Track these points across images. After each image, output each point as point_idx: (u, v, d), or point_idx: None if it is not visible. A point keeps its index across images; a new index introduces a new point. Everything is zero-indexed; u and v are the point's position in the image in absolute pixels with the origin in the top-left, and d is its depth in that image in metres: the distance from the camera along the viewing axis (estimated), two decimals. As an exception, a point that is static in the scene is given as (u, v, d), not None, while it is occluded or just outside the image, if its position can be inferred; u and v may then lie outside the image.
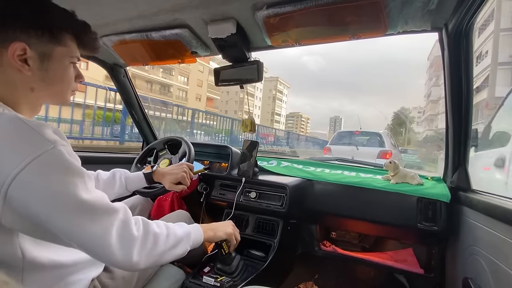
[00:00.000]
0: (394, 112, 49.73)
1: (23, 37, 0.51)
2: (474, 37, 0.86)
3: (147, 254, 0.55)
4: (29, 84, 0.54)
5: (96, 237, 0.48)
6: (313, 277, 1.50)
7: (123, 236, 0.51)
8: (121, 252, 0.50)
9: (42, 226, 0.46)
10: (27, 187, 0.43)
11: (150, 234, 0.57)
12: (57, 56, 0.55)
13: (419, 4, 0.73)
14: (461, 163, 1.02)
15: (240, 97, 49.46)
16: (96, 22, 0.95)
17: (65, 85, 0.59)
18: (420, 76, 51.83)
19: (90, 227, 0.48)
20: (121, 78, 1.47)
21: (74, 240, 0.48)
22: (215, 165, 1.51)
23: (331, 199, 1.27)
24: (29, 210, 0.44)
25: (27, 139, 0.45)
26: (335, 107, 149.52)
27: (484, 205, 0.83)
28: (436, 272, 1.18)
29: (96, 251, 0.49)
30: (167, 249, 0.60)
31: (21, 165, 0.43)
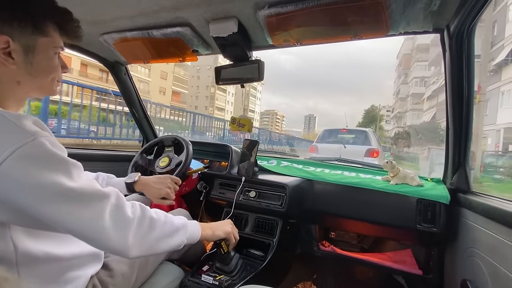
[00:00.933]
0: (365, 109, 49.90)
1: (5, 29, 0.49)
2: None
3: (143, 238, 0.55)
4: (14, 78, 0.52)
5: (88, 222, 0.48)
6: (311, 277, 1.50)
7: (116, 219, 0.51)
8: (116, 235, 0.50)
9: (32, 216, 0.46)
10: (9, 179, 0.43)
11: (146, 217, 0.57)
12: (41, 47, 0.54)
13: (421, 5, 0.73)
14: (461, 165, 1.02)
15: (211, 92, 48.14)
16: (97, 20, 0.95)
17: (50, 76, 0.57)
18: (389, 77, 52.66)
19: (81, 213, 0.47)
20: (122, 76, 1.47)
21: (67, 228, 0.48)
22: (215, 164, 1.51)
23: (331, 199, 1.27)
24: (15, 202, 0.44)
25: (6, 132, 0.44)
26: (310, 106, 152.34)
27: (484, 207, 0.83)
28: (434, 274, 1.18)
29: (90, 236, 0.49)
30: (163, 236, 0.59)
31: (1, 157, 0.42)
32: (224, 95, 51.45)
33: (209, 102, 48.79)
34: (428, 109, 27.64)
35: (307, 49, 33.91)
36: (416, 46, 34.89)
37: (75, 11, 0.59)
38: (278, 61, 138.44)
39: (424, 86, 32.09)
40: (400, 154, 21.43)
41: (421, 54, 34.12)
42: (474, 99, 0.93)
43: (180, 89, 37.20)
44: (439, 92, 24.22)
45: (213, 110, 47.84)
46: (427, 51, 32.45)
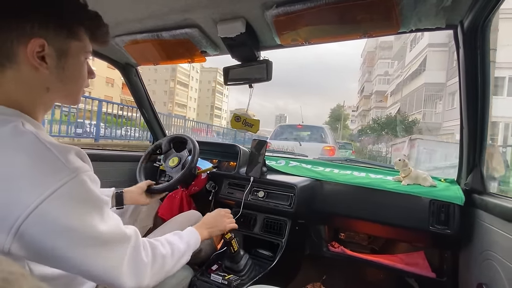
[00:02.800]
0: (331, 108, 48.90)
1: (41, 32, 0.47)
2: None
3: (156, 275, 0.56)
4: (45, 83, 0.50)
5: (109, 268, 0.47)
6: (321, 278, 1.49)
7: (134, 265, 0.51)
8: (133, 281, 0.51)
9: (53, 258, 0.43)
10: (44, 221, 0.40)
11: (158, 257, 0.58)
12: (73, 52, 0.52)
13: (434, 1, 0.71)
14: (476, 165, 0.99)
15: (171, 87, 43.60)
16: (108, 22, 0.96)
17: (80, 83, 0.56)
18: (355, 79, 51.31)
19: (105, 259, 0.47)
20: (133, 77, 1.50)
21: (85, 272, 0.46)
22: (223, 164, 1.52)
23: (340, 200, 1.26)
24: (43, 244, 0.41)
25: (50, 169, 0.42)
26: (280, 106, 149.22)
27: (501, 209, 0.80)
28: (448, 277, 1.15)
29: (107, 281, 0.48)
30: (173, 266, 0.63)
31: (41, 198, 0.40)
32: (185, 90, 46.77)
33: (168, 98, 43.88)
34: (392, 104, 26.59)
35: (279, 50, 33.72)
36: (379, 44, 34.45)
37: None
38: None
39: (387, 83, 31.55)
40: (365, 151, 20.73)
41: (384, 52, 33.93)
42: (489, 98, 0.90)
43: None
44: (402, 86, 23.33)
45: (173, 106, 43.17)
46: (390, 49, 31.83)
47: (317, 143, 5.66)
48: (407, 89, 22.32)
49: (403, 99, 23.09)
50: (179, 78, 45.38)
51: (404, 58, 24.25)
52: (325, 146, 5.46)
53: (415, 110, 20.10)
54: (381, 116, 24.36)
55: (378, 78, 33.93)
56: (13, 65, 0.47)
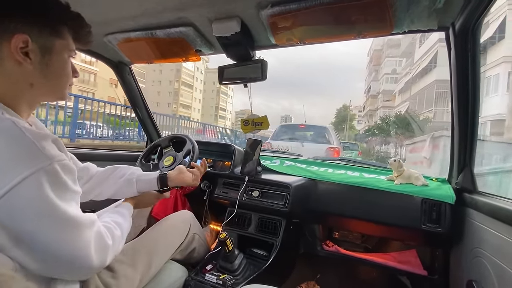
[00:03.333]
0: (337, 109, 47.26)
1: (25, 29, 0.49)
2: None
3: (113, 254, 0.60)
4: (29, 79, 0.52)
5: (79, 250, 0.50)
6: (315, 276, 1.50)
7: (100, 247, 0.54)
8: (98, 261, 0.53)
9: (25, 240, 0.45)
10: (18, 201, 0.43)
11: (116, 239, 0.61)
12: (57, 49, 0.55)
13: (426, 3, 0.72)
14: (466, 164, 1.01)
15: (175, 88, 43.55)
16: (101, 20, 0.96)
17: (64, 79, 0.58)
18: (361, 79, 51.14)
19: (74, 241, 0.49)
20: (126, 76, 1.48)
21: (55, 255, 0.48)
22: (218, 164, 1.51)
23: (334, 199, 1.27)
24: (15, 223, 0.44)
25: (26, 153, 0.44)
26: (286, 106, 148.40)
27: (490, 207, 0.82)
28: (440, 274, 1.17)
29: (75, 262, 0.50)
30: (122, 244, 0.65)
31: (16, 179, 0.42)
32: (190, 91, 46.71)
33: (173, 99, 43.93)
34: (401, 103, 25.32)
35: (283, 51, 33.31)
36: (387, 42, 33.31)
37: (80, 12, 0.60)
38: None
39: (395, 82, 30.49)
40: (372, 152, 19.40)
41: (392, 50, 32.82)
42: (479, 98, 0.92)
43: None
44: (412, 84, 21.93)
45: (177, 107, 43.06)
46: (398, 47, 30.68)
47: (320, 144, 5.34)
48: (416, 87, 21.09)
49: (413, 97, 21.95)
50: (184, 79, 45.15)
51: (413, 55, 22.96)
52: (330, 147, 5.14)
53: (426, 109, 19.16)
54: (390, 114, 23.23)
55: (386, 77, 33.09)
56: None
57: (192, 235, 0.99)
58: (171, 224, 0.95)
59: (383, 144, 19.92)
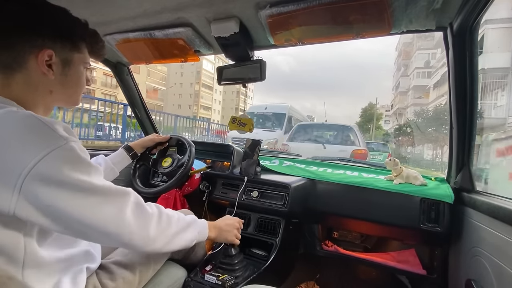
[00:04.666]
0: (362, 108, 43.14)
1: (50, 44, 0.56)
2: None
3: (163, 232, 0.61)
4: (49, 87, 0.59)
5: (111, 217, 0.52)
6: (314, 276, 1.50)
7: (138, 214, 0.56)
8: (138, 229, 0.55)
9: (55, 214, 0.48)
10: (43, 178, 0.46)
11: (163, 213, 0.63)
12: (75, 62, 0.62)
13: (424, 3, 0.72)
14: (465, 164, 1.02)
15: (196, 90, 44.32)
16: (100, 21, 0.96)
17: (79, 88, 0.65)
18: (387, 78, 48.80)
19: (105, 208, 0.51)
20: (125, 76, 1.47)
21: (89, 225, 0.50)
22: (217, 164, 1.51)
23: (333, 199, 1.27)
24: (45, 200, 0.47)
25: (42, 135, 0.48)
26: (307, 107, 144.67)
27: (488, 206, 0.82)
28: (438, 273, 1.17)
29: (113, 231, 0.52)
30: (178, 231, 0.66)
31: (37, 158, 0.45)
32: (210, 93, 47.21)
33: (193, 100, 44.84)
34: (436, 99, 21.80)
35: (302, 50, 32.48)
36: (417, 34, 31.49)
37: (79, 13, 0.60)
38: (274, 62, 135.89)
39: (427, 77, 27.31)
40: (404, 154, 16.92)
41: (423, 42, 29.46)
42: (478, 98, 0.93)
43: (156, 85, 33.69)
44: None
45: (198, 109, 44.02)
46: (431, 37, 27.42)
47: (344, 145, 4.76)
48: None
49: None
50: (204, 81, 45.35)
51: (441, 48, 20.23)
52: (355, 150, 4.55)
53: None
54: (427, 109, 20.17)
55: (417, 72, 29.92)
56: (23, 70, 0.55)
57: None
58: None
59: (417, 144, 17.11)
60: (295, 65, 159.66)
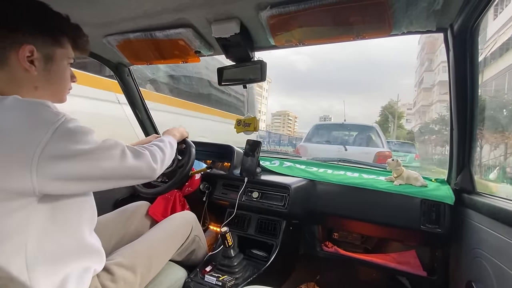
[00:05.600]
0: (382, 106, 39.38)
1: (31, 40, 0.56)
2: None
3: (160, 162, 0.74)
4: (33, 83, 0.59)
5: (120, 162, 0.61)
6: (315, 278, 1.49)
7: (136, 154, 0.66)
8: (143, 164, 0.67)
9: (74, 177, 0.54)
10: (55, 156, 0.50)
11: (152, 148, 0.75)
12: (58, 57, 0.62)
13: (424, 4, 0.72)
14: (465, 165, 1.01)
15: None
16: (101, 22, 0.96)
17: (63, 83, 0.65)
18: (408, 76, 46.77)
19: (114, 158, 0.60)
20: (125, 77, 1.48)
21: (108, 175, 0.59)
22: (217, 165, 1.51)
23: (334, 200, 1.27)
24: (62, 172, 0.51)
25: (49, 114, 0.51)
26: (324, 107, 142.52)
27: (489, 208, 0.82)
28: (439, 275, 1.17)
29: (125, 174, 0.63)
30: (166, 157, 0.79)
31: (46, 137, 0.49)
32: None
33: None
34: None
35: (318, 49, 32.20)
36: None
37: (79, 14, 0.61)
38: (289, 61, 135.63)
39: None
40: (433, 156, 14.18)
41: None
42: (478, 99, 0.92)
43: None
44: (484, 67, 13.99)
45: None
46: None
47: (367, 147, 4.37)
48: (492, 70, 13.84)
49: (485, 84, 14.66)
50: None
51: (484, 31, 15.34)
52: (380, 152, 4.10)
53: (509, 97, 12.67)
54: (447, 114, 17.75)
55: (443, 66, 26.61)
56: (4, 67, 0.55)
57: (193, 237, 0.99)
58: (173, 225, 0.95)
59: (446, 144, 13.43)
60: (312, 64, 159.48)
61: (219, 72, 1.13)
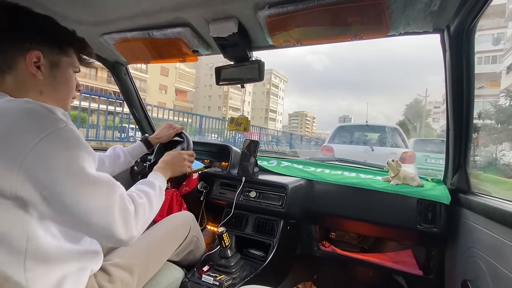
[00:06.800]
0: (407, 104, 37.90)
1: (38, 47, 0.60)
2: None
3: (139, 224, 0.61)
4: (39, 88, 0.61)
5: (103, 210, 0.53)
6: (312, 277, 1.50)
7: (123, 213, 0.57)
8: (123, 228, 0.56)
9: (52, 197, 0.50)
10: (42, 157, 0.48)
11: (139, 206, 0.63)
12: (63, 65, 0.65)
13: (421, 5, 0.73)
14: (461, 165, 1.02)
15: (224, 91, 43.96)
16: (98, 20, 0.95)
17: (68, 90, 0.67)
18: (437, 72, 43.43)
19: (97, 198, 0.52)
20: (122, 76, 1.47)
21: (81, 213, 0.51)
22: (215, 164, 1.51)
23: (331, 200, 1.27)
24: (43, 179, 0.48)
25: (44, 117, 0.51)
26: (343, 107, 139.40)
27: (484, 207, 0.83)
28: (435, 274, 1.18)
29: (103, 227, 0.53)
30: (150, 213, 0.67)
31: (38, 137, 0.48)
32: (239, 94, 44.53)
33: (222, 102, 44.65)
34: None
35: (335, 47, 31.51)
36: None
37: (77, 13, 0.61)
38: (306, 62, 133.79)
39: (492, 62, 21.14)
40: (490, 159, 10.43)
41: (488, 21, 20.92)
42: (474, 100, 0.93)
43: (185, 87, 33.05)
44: None
45: (227, 110, 43.37)
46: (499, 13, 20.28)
47: (393, 147, 4.52)
48: None
49: None
50: None
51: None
52: (405, 152, 4.28)
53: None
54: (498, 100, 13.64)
55: (477, 57, 21.49)
56: (12, 72, 0.58)
57: (191, 238, 0.99)
58: (171, 225, 0.95)
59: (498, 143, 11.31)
60: (329, 63, 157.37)
61: (217, 71, 1.13)
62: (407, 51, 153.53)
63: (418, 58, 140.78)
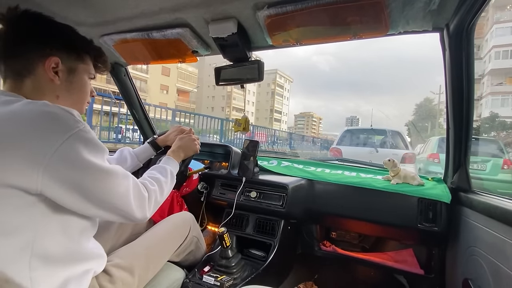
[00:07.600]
0: (417, 104, 37.97)
1: (57, 53, 0.63)
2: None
3: (152, 207, 0.70)
4: (56, 92, 0.65)
5: (121, 196, 0.60)
6: (313, 277, 1.50)
7: (138, 198, 0.65)
8: (139, 210, 0.64)
9: (76, 193, 0.54)
10: (67, 157, 0.52)
11: (151, 192, 0.71)
12: (80, 71, 0.68)
13: (421, 4, 0.73)
14: (461, 164, 1.02)
15: (228, 92, 42.67)
16: (97, 22, 0.95)
17: (83, 95, 0.71)
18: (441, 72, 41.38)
19: (116, 186, 0.59)
20: (122, 77, 1.47)
21: (103, 202, 0.58)
22: (215, 165, 1.51)
23: (332, 199, 1.27)
24: (68, 177, 0.53)
25: (64, 119, 0.54)
26: (351, 108, 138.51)
27: (484, 206, 0.83)
28: (436, 273, 1.18)
29: (123, 209, 0.61)
30: (163, 197, 0.77)
31: (62, 139, 0.51)
32: (243, 94, 45.91)
33: (226, 102, 43.83)
34: None
35: (341, 47, 31.25)
36: (494, 3, 21.21)
37: (76, 14, 0.61)
38: (312, 62, 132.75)
39: (510, 57, 20.26)
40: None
41: (504, 12, 20.77)
42: (474, 98, 0.93)
43: (187, 87, 32.44)
44: None
45: (230, 111, 42.74)
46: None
47: (396, 149, 5.00)
48: None
49: None
50: None
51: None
52: (406, 153, 4.76)
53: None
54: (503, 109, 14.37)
55: (495, 52, 22.41)
56: (31, 76, 0.61)
57: (191, 238, 0.99)
58: (171, 226, 0.95)
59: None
60: (335, 63, 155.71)
61: (216, 72, 1.13)
62: (414, 50, 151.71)
63: (426, 58, 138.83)
